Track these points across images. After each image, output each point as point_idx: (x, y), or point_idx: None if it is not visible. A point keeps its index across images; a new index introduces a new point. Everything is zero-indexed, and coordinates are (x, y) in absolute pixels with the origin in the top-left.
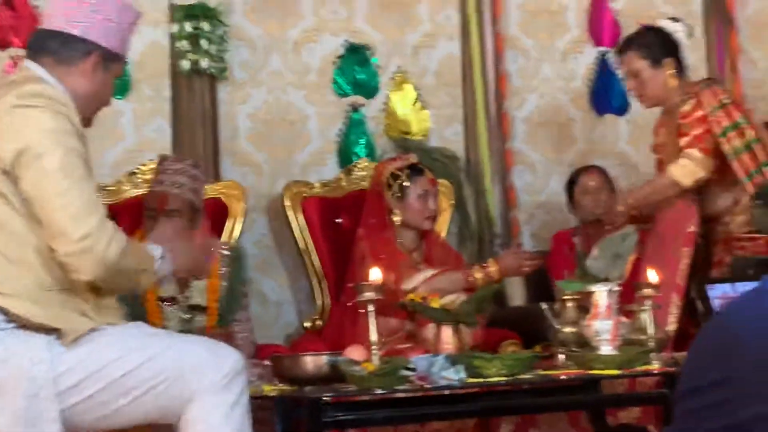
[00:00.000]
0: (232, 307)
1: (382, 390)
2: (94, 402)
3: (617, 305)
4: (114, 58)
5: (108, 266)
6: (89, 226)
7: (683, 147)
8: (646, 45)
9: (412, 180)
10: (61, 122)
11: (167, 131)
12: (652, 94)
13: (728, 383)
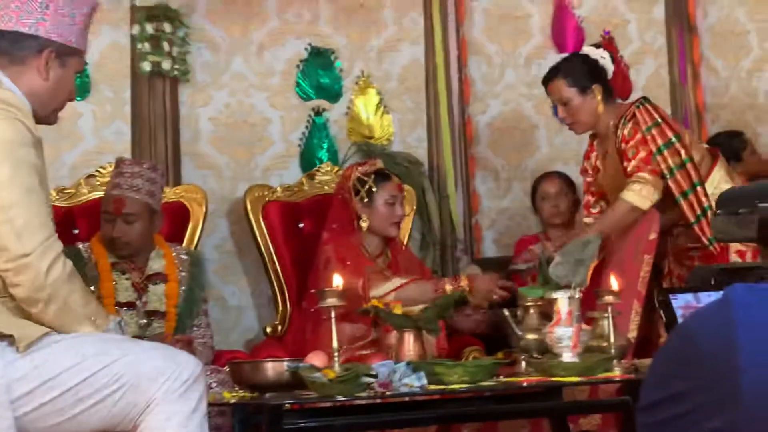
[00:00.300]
0: (191, 312)
1: (343, 397)
2: (50, 409)
3: (579, 312)
4: (70, 52)
5: (46, 288)
6: (32, 244)
7: (631, 172)
8: (573, 73)
9: (380, 185)
10: (14, 130)
11: (127, 133)
12: (584, 120)
13: (691, 395)
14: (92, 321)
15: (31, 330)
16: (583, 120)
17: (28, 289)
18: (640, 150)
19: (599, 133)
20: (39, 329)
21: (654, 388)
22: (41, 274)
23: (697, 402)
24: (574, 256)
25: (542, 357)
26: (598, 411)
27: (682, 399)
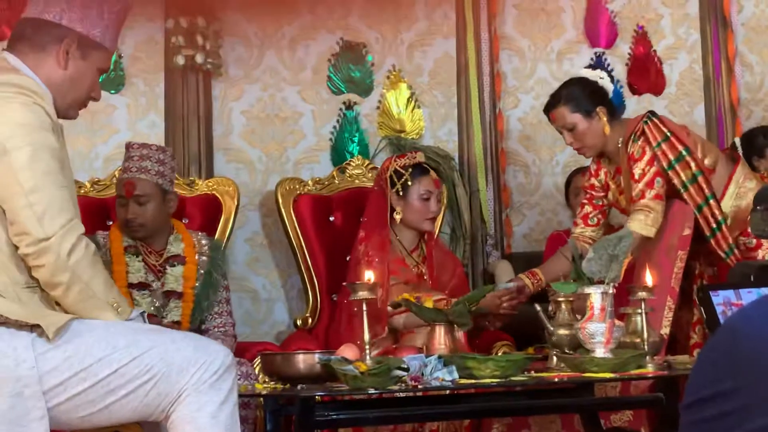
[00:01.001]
0: (208, 294)
1: (374, 390)
2: (81, 400)
3: (612, 308)
4: (93, 45)
5: (68, 270)
6: (53, 227)
7: (636, 198)
8: (575, 98)
9: (416, 179)
10: (34, 115)
11: (160, 126)
12: (592, 143)
13: (737, 394)
14: (114, 308)
15: (57, 318)
16: (590, 143)
17: (49, 272)
18: (647, 172)
19: (608, 152)
20: (63, 317)
21: (700, 385)
22: (62, 256)
23: (743, 401)
24: (608, 252)
25: (574, 353)
26: (631, 407)
27: (728, 397)
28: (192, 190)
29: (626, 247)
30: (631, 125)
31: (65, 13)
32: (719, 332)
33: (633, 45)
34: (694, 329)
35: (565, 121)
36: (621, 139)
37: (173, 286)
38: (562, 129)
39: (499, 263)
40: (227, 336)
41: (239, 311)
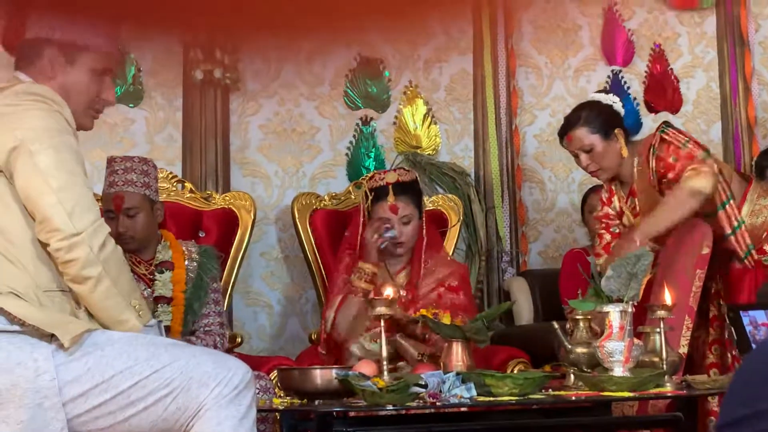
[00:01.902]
0: (200, 296)
1: (393, 406)
2: (101, 412)
3: (630, 326)
4: (78, 48)
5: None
6: (83, 223)
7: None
8: (593, 120)
9: (375, 204)
10: (56, 120)
11: (178, 140)
12: (609, 165)
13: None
14: (136, 310)
15: (74, 326)
16: (607, 165)
17: (80, 266)
18: (681, 158)
19: (621, 176)
20: (79, 325)
21: (736, 405)
22: (94, 250)
23: None
24: (627, 270)
25: (592, 371)
26: (649, 427)
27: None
28: (209, 204)
29: (645, 266)
30: (645, 142)
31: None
32: (756, 352)
33: (650, 63)
34: (711, 349)
35: (583, 143)
36: (637, 160)
37: (162, 291)
38: (579, 151)
39: (515, 280)
40: (208, 335)
41: (254, 325)
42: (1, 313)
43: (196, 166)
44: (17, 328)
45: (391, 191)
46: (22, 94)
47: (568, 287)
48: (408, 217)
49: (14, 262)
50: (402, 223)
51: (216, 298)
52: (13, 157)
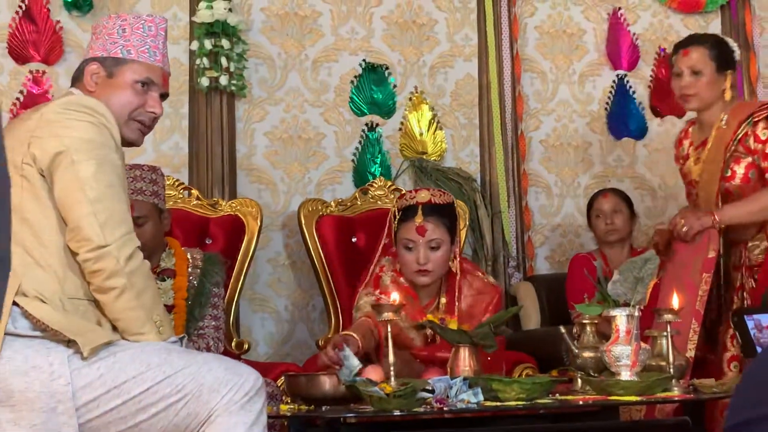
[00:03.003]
0: (202, 303)
1: (400, 412)
2: (113, 417)
3: (637, 330)
4: (117, 62)
5: (124, 275)
6: (114, 236)
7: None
8: (718, 49)
9: (400, 224)
10: (101, 134)
11: (184, 148)
12: (705, 96)
13: None
14: (156, 325)
15: (96, 336)
16: (705, 96)
17: (106, 276)
18: None
19: (703, 120)
20: (101, 336)
21: (743, 408)
22: (121, 262)
23: None
24: (633, 274)
25: (599, 375)
26: (657, 431)
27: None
28: (215, 211)
29: (651, 270)
30: (746, 108)
31: (91, 47)
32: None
33: (655, 67)
34: (733, 342)
35: (696, 62)
36: (725, 117)
37: (163, 299)
38: (688, 69)
39: (521, 285)
40: (201, 337)
41: (261, 332)
42: (26, 316)
43: (203, 173)
44: (38, 333)
45: (420, 211)
46: (72, 104)
47: (575, 292)
48: (437, 242)
49: (44, 267)
50: (430, 247)
51: (215, 302)
52: (56, 162)
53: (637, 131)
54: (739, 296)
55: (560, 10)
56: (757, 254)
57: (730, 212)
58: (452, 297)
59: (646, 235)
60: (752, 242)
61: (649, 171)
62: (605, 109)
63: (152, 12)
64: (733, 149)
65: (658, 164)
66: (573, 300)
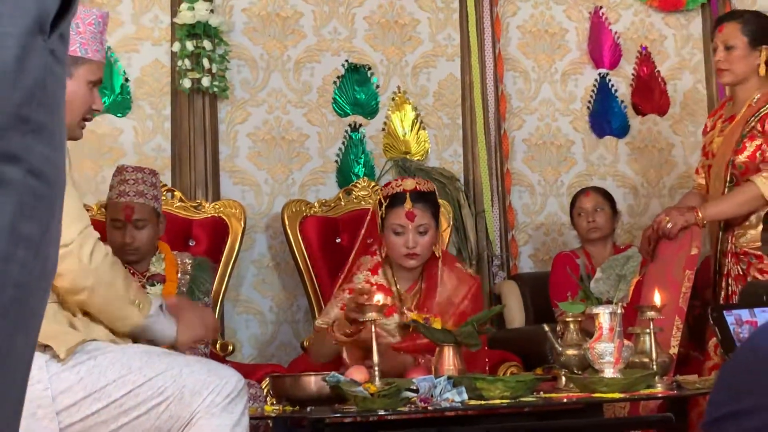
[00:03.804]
0: None
1: (384, 411)
2: (94, 421)
3: (620, 328)
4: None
5: (90, 274)
6: (71, 234)
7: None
8: (752, 24)
9: (389, 211)
10: None
11: (167, 150)
12: (739, 71)
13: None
14: (136, 305)
15: (70, 337)
16: (738, 71)
17: (72, 278)
18: None
19: (737, 96)
20: (75, 336)
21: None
22: (84, 261)
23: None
24: (615, 271)
25: (583, 373)
26: (640, 428)
27: (751, 414)
28: (198, 213)
29: (634, 267)
30: None
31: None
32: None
33: (637, 66)
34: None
35: (728, 38)
36: (758, 95)
37: None
38: (721, 44)
39: (505, 284)
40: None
41: (246, 333)
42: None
43: (186, 175)
44: None
45: (409, 198)
46: None
47: (558, 290)
48: (425, 227)
49: None
50: (418, 232)
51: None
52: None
53: (619, 129)
54: (727, 282)
55: (542, 10)
56: (743, 242)
57: (713, 209)
58: (431, 283)
59: (628, 233)
60: (739, 229)
61: (632, 169)
62: (587, 108)
63: (133, 13)
64: (752, 125)
65: (640, 162)
66: (556, 298)
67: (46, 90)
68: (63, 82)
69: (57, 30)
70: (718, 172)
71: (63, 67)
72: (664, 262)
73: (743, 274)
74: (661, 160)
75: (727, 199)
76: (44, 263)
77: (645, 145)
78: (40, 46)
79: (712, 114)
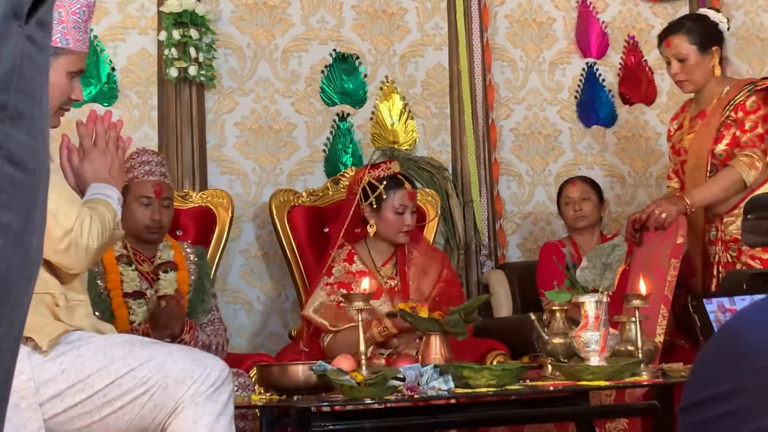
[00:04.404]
0: (202, 299)
1: (371, 400)
2: (78, 411)
3: (606, 316)
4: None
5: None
6: (70, 221)
7: (744, 144)
8: (695, 31)
9: (390, 192)
10: None
11: (154, 139)
12: (698, 78)
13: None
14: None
15: (52, 329)
16: (696, 78)
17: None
18: (759, 126)
19: (701, 96)
20: (58, 327)
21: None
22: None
23: (743, 402)
24: (601, 260)
25: (569, 361)
26: (626, 415)
27: (726, 399)
28: (186, 203)
29: (619, 256)
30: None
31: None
32: (718, 334)
33: (624, 55)
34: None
35: (678, 50)
36: (727, 89)
37: (168, 291)
38: (673, 58)
39: (493, 273)
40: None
41: (234, 323)
42: None
43: (173, 164)
44: None
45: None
46: None
47: (545, 279)
48: (415, 206)
49: None
50: (411, 212)
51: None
52: None
53: (607, 119)
54: (717, 270)
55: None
56: (732, 229)
57: (698, 195)
58: (403, 255)
59: (616, 221)
60: (728, 217)
61: (619, 158)
62: (575, 97)
63: (120, 2)
64: (727, 114)
65: (627, 151)
66: (543, 287)
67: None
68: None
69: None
70: (697, 164)
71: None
72: (649, 251)
73: (733, 262)
74: (648, 149)
75: (710, 185)
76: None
77: (632, 134)
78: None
79: (674, 117)
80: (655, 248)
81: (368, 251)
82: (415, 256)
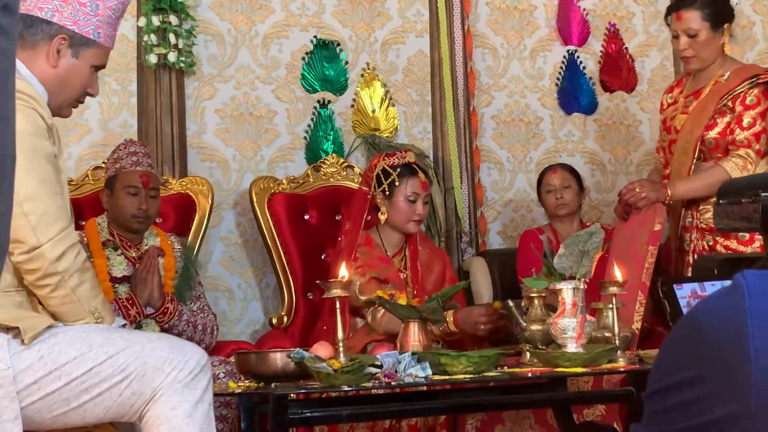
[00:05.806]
0: (189, 285)
1: (348, 387)
2: (55, 399)
3: (583, 303)
4: (86, 43)
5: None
6: (47, 236)
7: (739, 143)
8: (710, 6)
9: (403, 180)
10: (27, 121)
11: (133, 126)
12: (706, 56)
13: (700, 382)
14: (95, 317)
15: (36, 322)
16: (704, 56)
17: (40, 275)
18: (757, 123)
19: (701, 73)
20: (44, 321)
21: (662, 374)
22: (53, 262)
23: (706, 389)
24: (579, 247)
25: (547, 348)
26: (603, 401)
27: (690, 386)
28: (166, 190)
29: (597, 243)
30: (753, 68)
31: (57, 10)
32: (682, 322)
33: (605, 43)
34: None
35: (690, 25)
36: (728, 73)
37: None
38: (683, 33)
39: (474, 260)
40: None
41: (214, 310)
42: None
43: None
44: None
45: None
46: None
47: (524, 266)
48: (428, 196)
49: None
50: (423, 201)
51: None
52: None
53: (588, 106)
54: (693, 257)
55: None
56: (708, 217)
57: (681, 188)
58: (413, 248)
59: (596, 209)
60: (704, 205)
61: (599, 146)
62: (556, 85)
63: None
64: (725, 102)
65: (608, 139)
66: (522, 275)
67: None
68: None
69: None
70: (685, 148)
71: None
72: (627, 239)
73: (709, 249)
74: (629, 136)
75: (696, 180)
76: None
77: (613, 121)
78: None
79: (669, 90)
80: (632, 235)
81: (381, 239)
82: (422, 251)
